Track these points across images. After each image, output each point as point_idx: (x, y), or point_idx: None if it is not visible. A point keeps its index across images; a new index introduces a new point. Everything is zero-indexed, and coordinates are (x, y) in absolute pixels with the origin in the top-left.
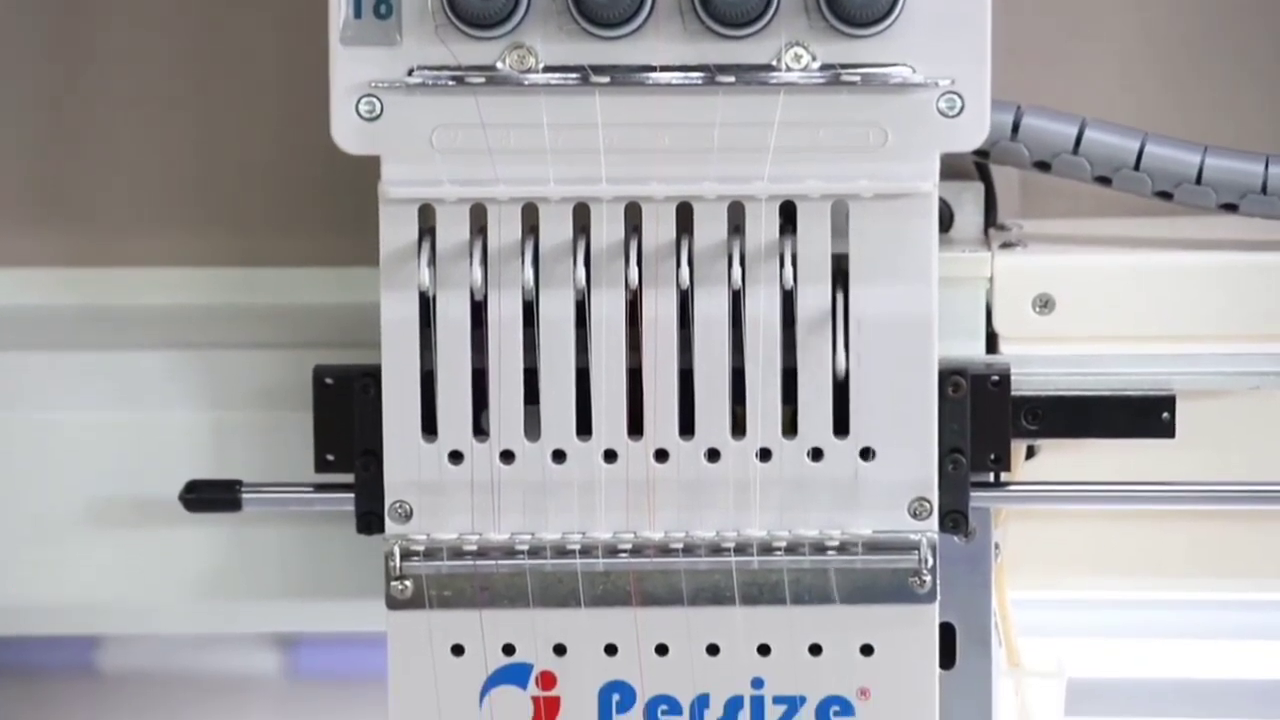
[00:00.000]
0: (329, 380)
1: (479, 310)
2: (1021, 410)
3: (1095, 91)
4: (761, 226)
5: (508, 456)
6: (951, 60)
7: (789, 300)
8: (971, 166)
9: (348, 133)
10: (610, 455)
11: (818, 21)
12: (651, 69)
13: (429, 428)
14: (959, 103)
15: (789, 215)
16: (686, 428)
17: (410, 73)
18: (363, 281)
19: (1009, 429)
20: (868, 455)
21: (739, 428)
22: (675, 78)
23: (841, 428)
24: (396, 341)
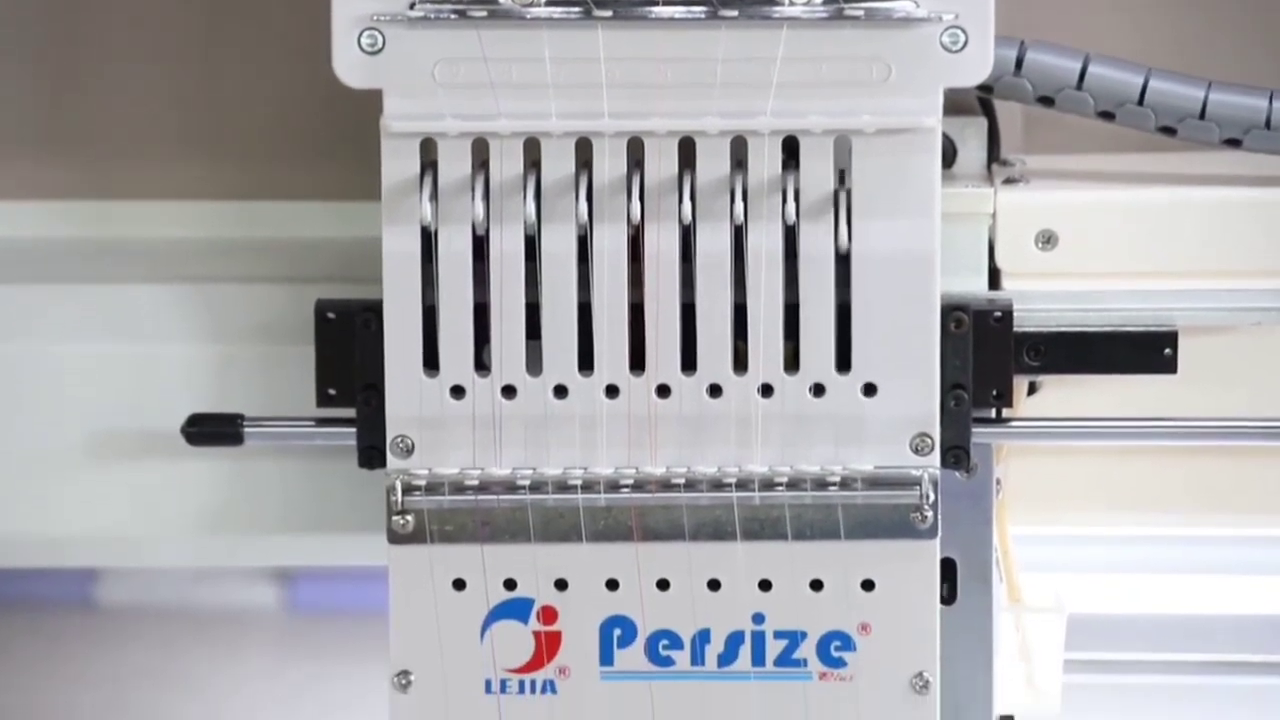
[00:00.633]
0: (331, 315)
1: (481, 245)
2: (1023, 346)
3: (1099, 27)
4: (764, 162)
5: (509, 391)
6: None
7: (791, 236)
8: (975, 102)
9: (349, 66)
10: (612, 390)
11: None
12: (654, 2)
13: (430, 362)
14: (962, 37)
15: (791, 150)
16: (688, 363)
17: (412, 6)
18: (365, 216)
19: (1011, 365)
20: (870, 391)
21: (741, 363)
22: (678, 11)
23: (843, 364)
24: (398, 276)
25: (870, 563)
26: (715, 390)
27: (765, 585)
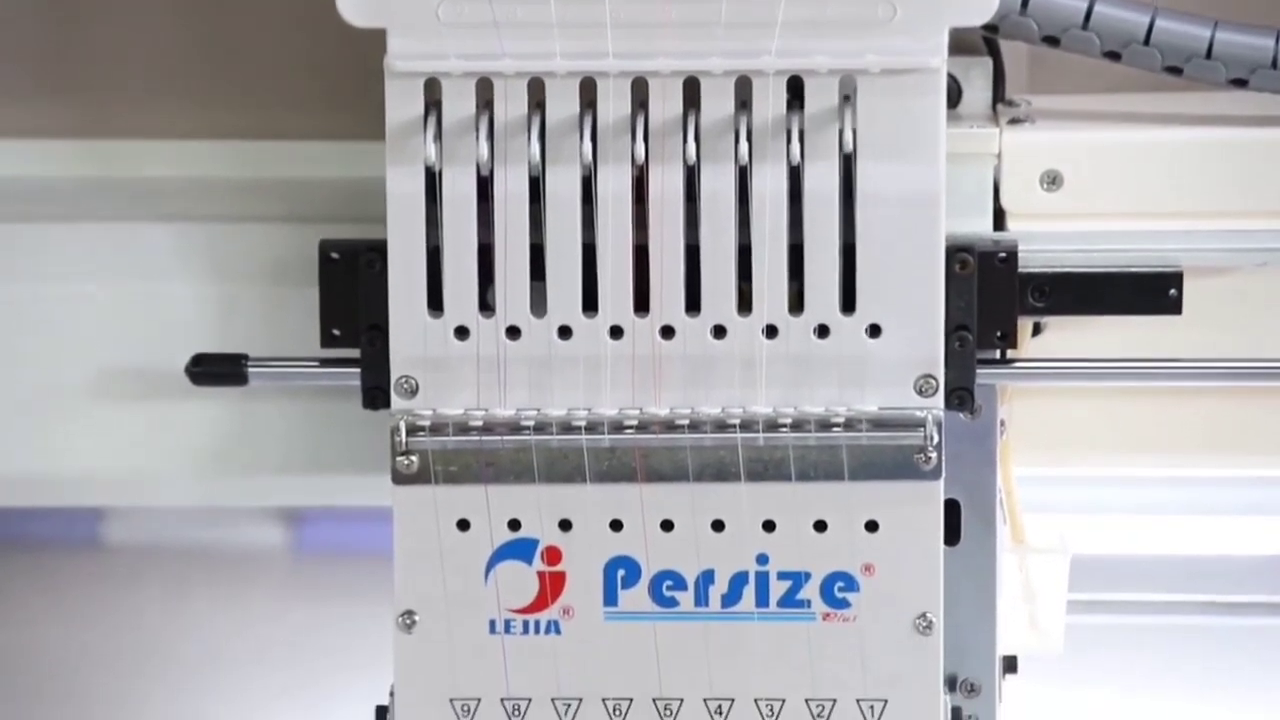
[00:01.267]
0: (335, 255)
1: (485, 186)
2: (1028, 287)
3: None
4: (769, 102)
5: (514, 332)
6: None
7: (796, 176)
8: (980, 42)
9: (353, 4)
10: (616, 332)
11: None
12: None
13: (435, 303)
14: None
15: (796, 91)
16: (693, 304)
17: None
18: (369, 156)
19: (1015, 306)
20: (874, 332)
21: (745, 304)
22: None
23: (848, 305)
24: (402, 216)
25: (874, 504)
26: (719, 331)
27: (769, 526)
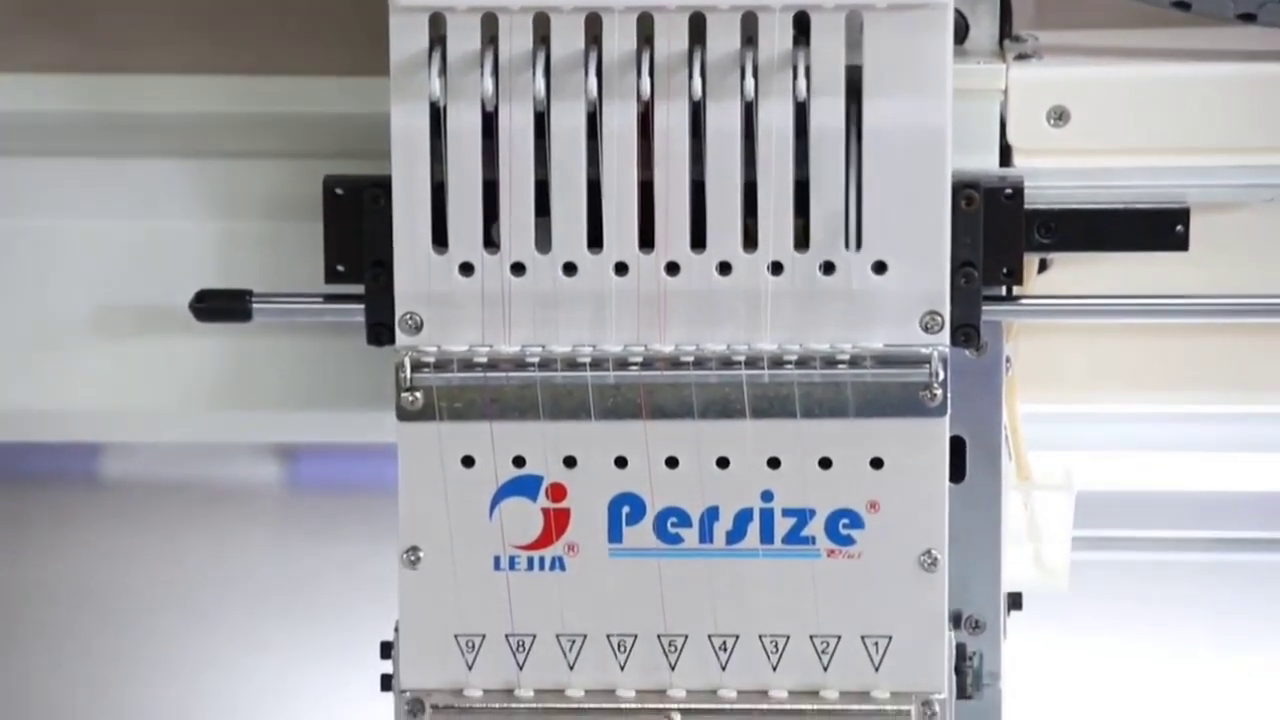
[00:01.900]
0: (339, 190)
1: (490, 121)
2: (1034, 224)
3: None
4: (775, 38)
5: (518, 269)
6: None
7: (802, 112)
8: None
9: None
10: (621, 268)
11: None
12: None
13: (439, 239)
14: None
15: (803, 27)
16: (698, 241)
17: None
18: (373, 91)
19: (1022, 242)
20: (879, 269)
21: (750, 241)
22: None
23: (853, 241)
24: (406, 152)
25: (879, 441)
26: (725, 268)
27: (774, 463)
